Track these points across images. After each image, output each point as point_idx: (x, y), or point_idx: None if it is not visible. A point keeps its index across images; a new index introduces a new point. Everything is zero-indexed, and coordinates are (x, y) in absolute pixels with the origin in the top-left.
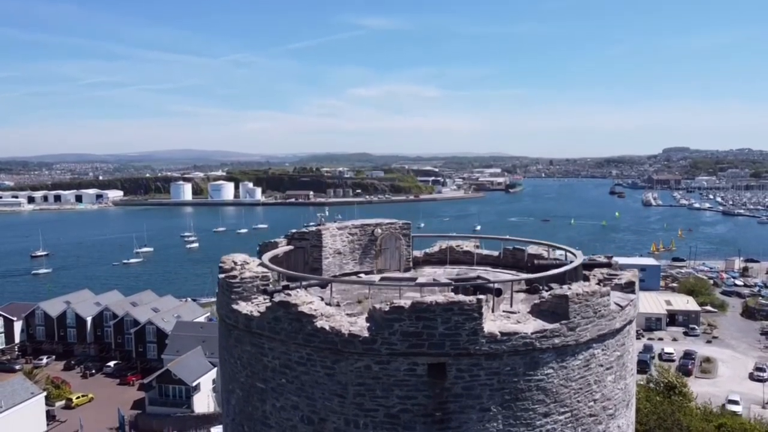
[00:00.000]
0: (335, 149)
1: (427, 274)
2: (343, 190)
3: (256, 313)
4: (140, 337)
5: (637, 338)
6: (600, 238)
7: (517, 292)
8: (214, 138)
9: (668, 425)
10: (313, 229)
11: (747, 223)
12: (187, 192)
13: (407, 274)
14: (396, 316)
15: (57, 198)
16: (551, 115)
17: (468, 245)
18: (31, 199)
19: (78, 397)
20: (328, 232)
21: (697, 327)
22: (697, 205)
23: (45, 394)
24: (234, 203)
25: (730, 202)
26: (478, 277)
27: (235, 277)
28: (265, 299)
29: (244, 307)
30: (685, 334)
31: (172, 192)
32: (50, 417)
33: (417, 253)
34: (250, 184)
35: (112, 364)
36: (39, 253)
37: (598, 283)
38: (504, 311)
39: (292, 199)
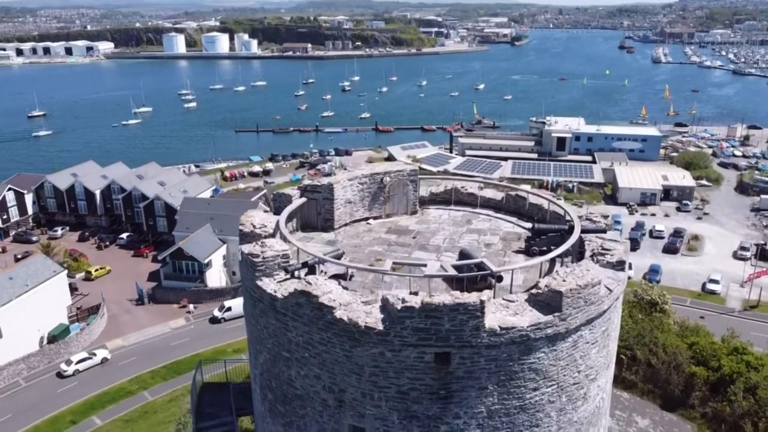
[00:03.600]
0: None
1: (432, 218)
2: (342, 43)
3: (279, 295)
4: (149, 211)
5: (631, 214)
6: (605, 101)
7: (516, 252)
8: None
9: (646, 342)
10: (325, 182)
11: (756, 84)
12: (180, 44)
13: (412, 237)
14: (407, 314)
15: (46, 50)
16: None
17: (472, 187)
18: (19, 52)
19: (96, 270)
20: (339, 185)
21: (689, 203)
22: (707, 63)
23: (66, 272)
24: (229, 57)
25: (742, 60)
26: (482, 263)
27: (257, 255)
28: (286, 275)
29: (267, 284)
30: (678, 209)
31: (164, 44)
32: (72, 289)
33: (423, 192)
34: (246, 36)
35: (124, 236)
36: (36, 114)
37: (591, 257)
38: (504, 299)
39: (290, 53)
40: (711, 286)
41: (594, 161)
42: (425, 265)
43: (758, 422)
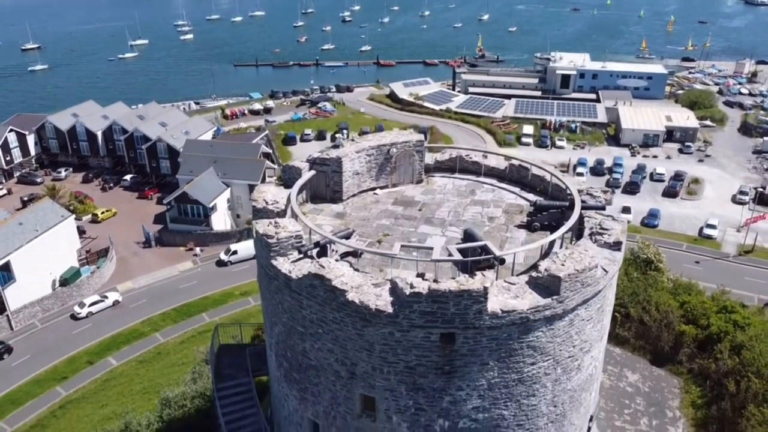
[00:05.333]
0: None
1: (437, 187)
2: None
3: (294, 276)
4: (152, 153)
5: (633, 155)
6: (611, 34)
7: (518, 227)
8: None
9: (640, 300)
10: (334, 156)
11: None
12: None
13: (422, 221)
14: (415, 299)
15: None
16: None
17: (476, 155)
18: None
19: (103, 212)
20: (347, 158)
21: (692, 145)
22: None
23: (73, 216)
24: None
25: None
26: (485, 246)
27: (272, 236)
28: (300, 255)
29: (282, 264)
30: (680, 151)
31: None
32: (80, 232)
33: (428, 160)
34: None
35: (128, 177)
36: (30, 46)
37: (590, 235)
38: (505, 281)
39: None
40: (708, 231)
41: (598, 100)
42: (432, 248)
43: (740, 381)
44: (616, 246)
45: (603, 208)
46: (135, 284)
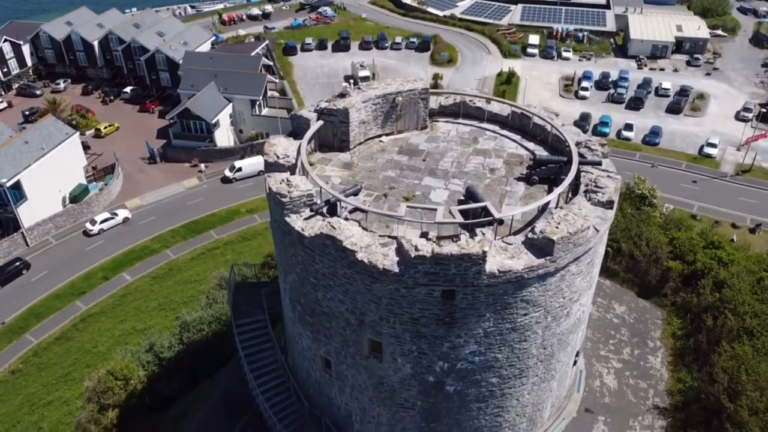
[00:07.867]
0: None
1: (441, 134)
2: None
3: (306, 234)
4: (151, 65)
5: (639, 68)
6: None
7: (517, 180)
8: None
9: (631, 235)
10: (341, 107)
11: None
12: None
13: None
14: (420, 261)
15: None
16: None
17: (480, 101)
18: None
19: (106, 127)
20: (354, 108)
21: (701, 57)
22: None
23: (77, 133)
24: None
25: None
26: (486, 207)
27: (285, 195)
28: (311, 213)
29: (295, 221)
30: (688, 63)
31: None
32: (85, 148)
33: (432, 105)
34: None
35: (128, 89)
36: None
37: (585, 192)
38: (503, 240)
39: None
40: (708, 150)
41: (608, 6)
42: (435, 209)
43: (718, 317)
44: (608, 204)
45: (600, 164)
46: (143, 201)
